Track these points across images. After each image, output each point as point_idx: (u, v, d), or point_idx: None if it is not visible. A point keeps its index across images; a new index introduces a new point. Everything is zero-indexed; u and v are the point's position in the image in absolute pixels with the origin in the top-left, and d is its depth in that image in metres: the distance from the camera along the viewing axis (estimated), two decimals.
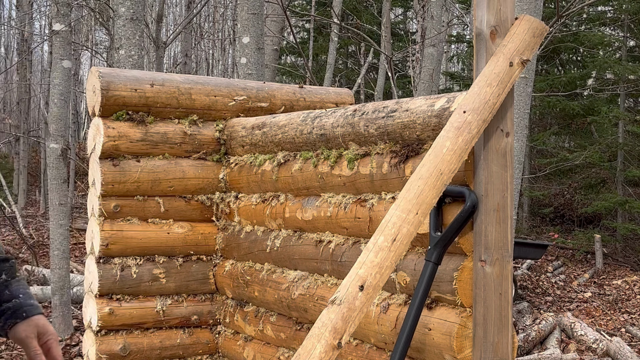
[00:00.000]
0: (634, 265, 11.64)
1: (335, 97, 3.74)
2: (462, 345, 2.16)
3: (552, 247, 12.34)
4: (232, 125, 3.43)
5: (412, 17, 18.59)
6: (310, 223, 2.91)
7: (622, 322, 8.45)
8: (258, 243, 3.23)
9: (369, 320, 2.47)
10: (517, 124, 5.59)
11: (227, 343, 3.44)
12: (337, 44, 14.69)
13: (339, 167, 2.73)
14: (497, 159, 2.11)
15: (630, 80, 12.79)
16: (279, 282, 3.05)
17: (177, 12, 24.43)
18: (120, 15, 5.37)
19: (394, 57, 13.66)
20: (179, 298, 3.42)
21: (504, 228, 2.11)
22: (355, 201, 2.66)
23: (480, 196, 2.10)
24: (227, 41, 21.60)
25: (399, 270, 2.40)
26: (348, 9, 16.00)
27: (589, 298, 9.64)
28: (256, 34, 6.30)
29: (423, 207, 1.95)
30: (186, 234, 3.42)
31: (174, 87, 3.33)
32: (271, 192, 3.20)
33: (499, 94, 2.06)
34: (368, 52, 15.66)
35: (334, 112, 2.80)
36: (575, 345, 7.15)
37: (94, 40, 21.84)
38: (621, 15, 13.27)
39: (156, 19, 11.48)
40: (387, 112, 2.48)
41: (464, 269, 2.17)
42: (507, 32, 2.14)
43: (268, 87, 3.60)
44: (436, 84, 9.51)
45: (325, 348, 1.76)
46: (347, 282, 1.85)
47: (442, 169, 1.98)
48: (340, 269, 2.71)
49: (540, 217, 14.68)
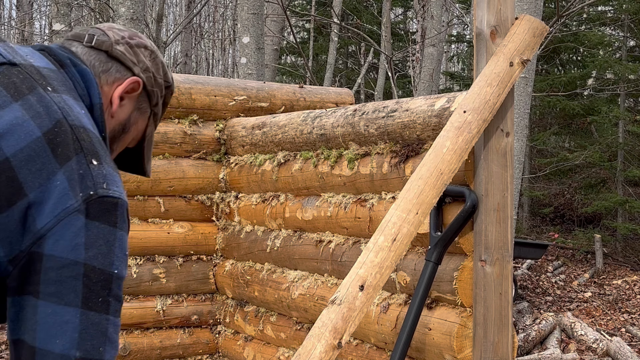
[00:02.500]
0: (634, 265, 11.63)
1: (335, 97, 3.74)
2: (462, 345, 2.16)
3: (552, 247, 12.34)
4: (232, 125, 3.43)
5: (412, 17, 18.59)
6: (310, 223, 2.91)
7: (622, 322, 8.45)
8: (258, 243, 3.23)
9: (369, 320, 2.47)
10: (517, 124, 5.60)
11: (227, 343, 3.44)
12: (337, 44, 14.70)
13: (339, 167, 2.73)
14: (497, 158, 2.11)
15: (630, 80, 12.78)
16: (279, 282, 3.05)
17: (177, 12, 24.43)
18: (120, 15, 5.37)
19: (394, 57, 13.66)
20: (179, 298, 3.42)
21: (504, 228, 2.11)
22: (356, 201, 2.66)
23: (480, 196, 2.10)
24: (227, 41, 21.60)
25: (399, 270, 2.40)
26: (348, 9, 16.00)
27: (589, 298, 9.64)
28: (256, 34, 6.30)
29: (423, 207, 1.95)
30: (186, 233, 3.42)
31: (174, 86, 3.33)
32: (271, 192, 3.20)
33: (499, 94, 2.06)
34: (368, 52, 15.67)
35: (334, 112, 2.80)
36: (575, 345, 7.15)
37: None
38: (621, 15, 13.26)
39: (156, 19, 11.48)
40: (387, 112, 2.48)
41: (464, 268, 2.17)
42: (507, 32, 2.14)
43: (268, 87, 3.60)
44: (436, 83, 9.51)
45: (325, 348, 1.76)
46: (347, 282, 1.85)
47: (442, 168, 1.98)
48: (340, 269, 2.71)
49: (540, 217, 14.68)
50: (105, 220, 1.18)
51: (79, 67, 1.34)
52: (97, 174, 1.19)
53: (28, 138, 1.15)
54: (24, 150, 1.14)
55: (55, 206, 1.14)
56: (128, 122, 1.45)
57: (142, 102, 1.47)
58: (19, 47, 1.32)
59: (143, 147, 1.53)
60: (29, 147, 1.14)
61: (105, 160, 1.23)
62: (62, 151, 1.16)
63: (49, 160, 1.15)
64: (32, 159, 1.14)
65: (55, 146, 1.16)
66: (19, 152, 1.14)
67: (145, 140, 1.52)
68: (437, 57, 9.63)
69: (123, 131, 1.45)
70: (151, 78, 1.47)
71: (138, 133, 1.50)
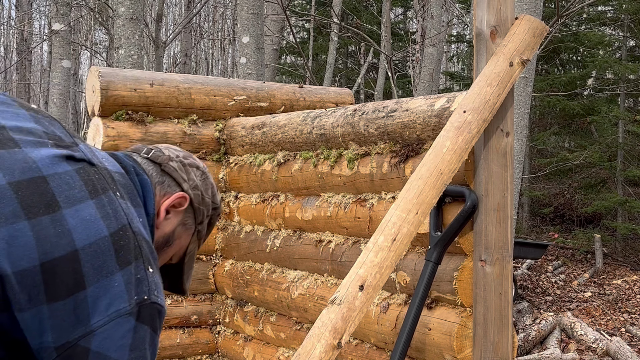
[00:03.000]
0: (634, 265, 11.64)
1: (335, 96, 3.74)
2: (462, 345, 2.15)
3: (552, 247, 12.34)
4: (232, 125, 3.43)
5: (412, 17, 18.59)
6: (310, 223, 2.91)
7: (622, 321, 8.45)
8: (258, 243, 3.23)
9: (369, 320, 2.47)
10: (517, 124, 5.60)
11: (227, 343, 3.44)
12: (337, 44, 14.70)
13: (339, 166, 2.73)
14: (497, 158, 2.10)
15: (630, 80, 12.79)
16: (279, 282, 3.05)
17: (177, 12, 24.42)
18: (120, 14, 5.37)
19: (394, 57, 13.66)
20: (179, 298, 3.42)
21: (504, 228, 2.11)
22: (355, 201, 2.66)
23: (480, 196, 2.10)
24: (227, 41, 21.61)
25: (399, 270, 2.40)
26: (348, 9, 16.00)
27: (589, 298, 9.65)
28: (256, 34, 6.30)
29: (423, 206, 1.95)
30: None
31: (173, 86, 3.33)
32: (271, 192, 3.20)
33: (499, 94, 2.06)
34: (368, 52, 15.67)
35: (334, 112, 2.80)
36: (575, 345, 7.16)
37: (94, 40, 21.83)
38: (621, 15, 13.26)
39: (156, 19, 11.48)
40: (387, 112, 2.48)
41: (464, 268, 2.17)
42: (507, 32, 2.14)
43: (268, 87, 3.60)
44: (436, 83, 9.52)
45: (325, 348, 1.75)
46: (347, 282, 1.85)
47: (442, 168, 1.98)
48: (340, 269, 2.71)
49: (540, 217, 14.68)
50: (150, 324, 1.25)
51: (141, 177, 1.43)
52: (151, 280, 1.27)
53: (97, 235, 1.22)
54: (92, 245, 1.21)
55: (109, 305, 1.20)
56: (172, 235, 1.51)
57: (188, 218, 1.52)
58: (95, 149, 1.40)
59: (184, 264, 1.59)
60: (96, 244, 1.21)
61: (156, 268, 1.30)
62: (123, 254, 1.24)
63: (111, 260, 1.22)
64: (97, 256, 1.21)
65: (119, 248, 1.23)
66: (88, 246, 1.20)
67: (187, 257, 1.58)
68: (437, 57, 9.63)
69: (166, 244, 1.51)
70: (199, 196, 1.53)
71: (180, 249, 1.55)
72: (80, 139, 1.39)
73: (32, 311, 1.16)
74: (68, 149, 1.30)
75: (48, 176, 1.22)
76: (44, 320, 1.17)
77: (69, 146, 1.31)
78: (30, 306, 1.15)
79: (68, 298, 1.17)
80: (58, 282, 1.17)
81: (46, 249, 1.16)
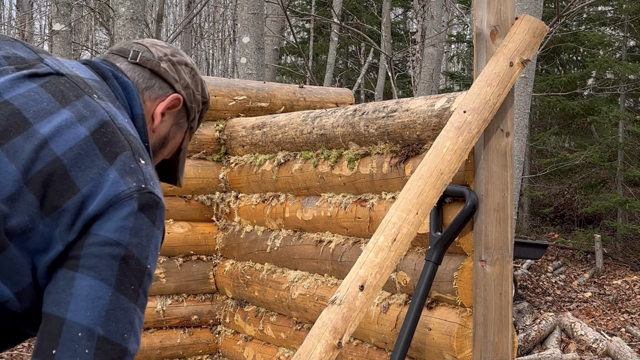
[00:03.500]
0: (634, 265, 11.63)
1: (335, 97, 3.74)
2: (462, 345, 2.16)
3: (552, 247, 12.33)
4: (232, 125, 3.43)
5: (412, 17, 18.59)
6: (310, 223, 2.91)
7: (622, 322, 8.45)
8: (258, 243, 3.23)
9: (369, 320, 2.47)
10: (517, 124, 5.60)
11: (227, 343, 3.44)
12: (337, 44, 14.70)
13: (339, 167, 2.73)
14: (497, 158, 2.11)
15: (630, 80, 12.78)
16: (279, 282, 3.05)
17: (177, 12, 24.43)
18: (120, 15, 5.37)
19: (394, 57, 13.66)
20: (179, 298, 3.42)
21: (504, 228, 2.11)
22: (356, 201, 2.66)
23: (480, 196, 2.10)
24: (227, 41, 21.61)
25: (399, 270, 2.40)
26: (348, 9, 15.99)
27: (589, 298, 9.64)
28: (256, 34, 6.31)
29: (423, 207, 1.95)
30: (186, 234, 3.42)
31: None
32: (271, 192, 3.20)
33: (499, 94, 2.06)
34: (368, 52, 15.67)
35: (334, 112, 2.80)
36: (575, 345, 7.16)
37: (94, 40, 21.83)
38: (621, 15, 13.26)
39: (156, 19, 11.48)
40: (387, 112, 2.48)
41: (464, 268, 2.17)
42: (507, 32, 2.14)
43: (268, 87, 3.60)
44: (436, 83, 9.52)
45: (325, 348, 1.76)
46: (347, 282, 1.85)
47: (442, 168, 1.98)
48: (340, 269, 2.71)
49: (540, 217, 14.68)
50: (149, 215, 1.21)
51: (120, 79, 1.39)
52: (146, 171, 1.24)
53: (77, 138, 1.19)
54: (73, 148, 1.18)
55: (107, 192, 1.17)
56: (167, 136, 1.51)
57: (181, 118, 1.52)
58: (64, 60, 1.37)
59: (178, 159, 1.59)
60: (78, 146, 1.18)
61: (150, 163, 1.28)
62: (110, 150, 1.21)
63: (98, 158, 1.19)
64: (82, 157, 1.18)
65: (104, 145, 1.21)
66: (69, 150, 1.18)
67: (181, 152, 1.58)
68: (437, 57, 9.63)
69: (162, 145, 1.51)
70: (191, 95, 1.52)
71: (175, 146, 1.56)
72: (47, 53, 1.36)
73: (37, 230, 1.14)
74: (31, 67, 1.28)
75: (11, 98, 1.20)
76: (53, 236, 1.15)
77: (31, 65, 1.29)
78: (34, 226, 1.14)
79: (64, 204, 1.15)
80: (51, 193, 1.15)
81: (27, 167, 1.15)
